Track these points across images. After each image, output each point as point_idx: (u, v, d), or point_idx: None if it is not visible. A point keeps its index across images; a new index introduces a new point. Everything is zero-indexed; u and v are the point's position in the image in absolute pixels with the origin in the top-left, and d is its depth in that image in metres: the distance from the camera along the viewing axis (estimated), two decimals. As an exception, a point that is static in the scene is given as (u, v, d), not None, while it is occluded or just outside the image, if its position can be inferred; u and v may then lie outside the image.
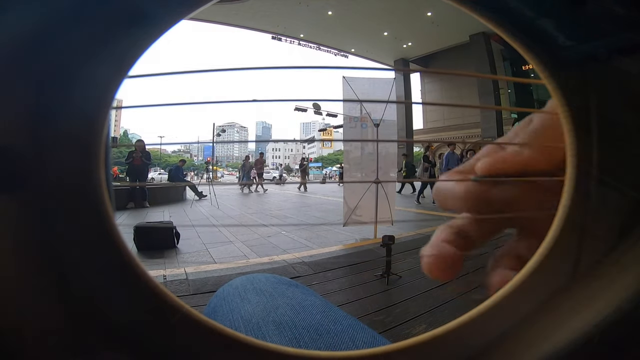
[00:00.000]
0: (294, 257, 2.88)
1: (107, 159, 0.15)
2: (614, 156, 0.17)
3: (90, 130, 0.14)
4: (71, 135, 0.14)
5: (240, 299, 0.44)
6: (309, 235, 3.86)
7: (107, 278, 0.15)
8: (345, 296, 2.11)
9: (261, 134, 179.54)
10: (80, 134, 0.14)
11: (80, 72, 0.14)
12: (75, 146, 0.14)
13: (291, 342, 0.35)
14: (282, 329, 0.37)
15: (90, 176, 0.14)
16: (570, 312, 0.16)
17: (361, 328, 0.39)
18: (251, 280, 0.49)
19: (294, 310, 0.41)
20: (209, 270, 2.52)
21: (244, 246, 3.40)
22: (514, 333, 0.17)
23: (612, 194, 0.17)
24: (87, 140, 0.14)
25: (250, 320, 0.39)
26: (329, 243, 3.53)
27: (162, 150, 76.71)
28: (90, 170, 0.14)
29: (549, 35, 0.16)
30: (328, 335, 0.36)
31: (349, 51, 23.60)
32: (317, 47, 22.65)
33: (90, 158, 0.14)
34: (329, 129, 56.05)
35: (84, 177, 0.14)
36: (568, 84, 0.17)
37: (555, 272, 0.17)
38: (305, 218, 5.50)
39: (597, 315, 0.16)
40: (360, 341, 0.36)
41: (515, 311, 0.17)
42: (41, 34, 0.13)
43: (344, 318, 0.40)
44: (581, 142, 0.17)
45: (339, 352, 0.18)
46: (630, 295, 0.15)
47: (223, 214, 5.93)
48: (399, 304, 1.99)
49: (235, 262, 2.81)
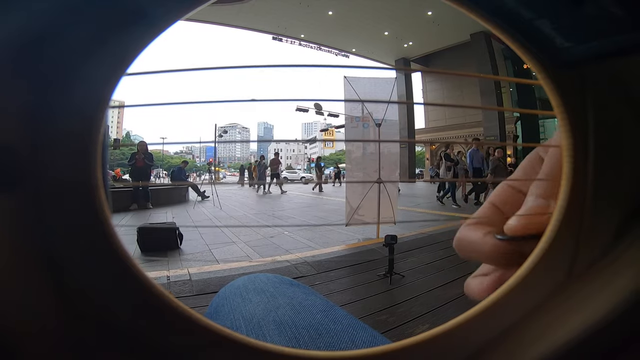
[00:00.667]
0: (297, 258, 2.88)
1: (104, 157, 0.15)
2: (611, 157, 0.17)
3: (87, 129, 0.14)
4: (68, 134, 0.14)
5: (241, 299, 0.44)
6: (311, 236, 3.86)
7: (104, 278, 0.15)
8: (348, 296, 2.11)
9: (263, 134, 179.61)
10: (77, 133, 0.14)
11: (78, 70, 0.14)
12: (72, 145, 0.14)
13: (291, 341, 0.36)
14: (282, 328, 0.38)
15: (88, 175, 0.14)
16: (567, 312, 0.17)
17: (361, 327, 0.39)
18: (252, 280, 0.49)
19: (294, 309, 0.41)
20: (212, 270, 2.53)
21: (246, 247, 3.41)
22: (512, 332, 0.17)
23: (608, 194, 0.17)
24: (84, 139, 0.14)
25: (251, 320, 0.40)
26: (332, 243, 3.53)
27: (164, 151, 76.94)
28: (87, 169, 0.14)
29: (546, 36, 0.16)
30: (328, 335, 0.37)
31: (350, 51, 23.58)
32: (317, 47, 22.64)
33: (87, 157, 0.14)
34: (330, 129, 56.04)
35: (81, 175, 0.14)
36: (566, 85, 0.17)
37: (552, 272, 0.17)
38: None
39: (595, 315, 0.16)
40: (359, 340, 0.36)
41: (513, 311, 0.17)
42: (39, 33, 0.13)
43: (344, 317, 0.41)
44: (578, 142, 0.17)
45: (337, 352, 0.18)
46: (627, 295, 0.15)
47: (226, 214, 5.94)
48: (402, 304, 1.99)
49: (238, 263, 2.81)
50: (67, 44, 0.13)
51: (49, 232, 0.14)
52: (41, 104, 0.13)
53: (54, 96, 0.13)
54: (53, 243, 0.14)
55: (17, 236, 0.14)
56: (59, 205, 0.14)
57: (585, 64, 0.17)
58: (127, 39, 0.14)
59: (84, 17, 0.13)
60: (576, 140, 0.17)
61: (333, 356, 0.18)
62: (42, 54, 0.13)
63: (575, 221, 0.17)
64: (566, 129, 0.17)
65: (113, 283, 0.15)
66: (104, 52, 0.14)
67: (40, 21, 0.13)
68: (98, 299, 0.15)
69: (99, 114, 0.14)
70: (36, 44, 0.13)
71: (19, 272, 0.14)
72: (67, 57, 0.13)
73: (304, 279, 2.38)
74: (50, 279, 0.14)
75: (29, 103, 0.13)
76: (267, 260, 2.87)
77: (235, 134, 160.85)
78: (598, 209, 0.17)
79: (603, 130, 0.17)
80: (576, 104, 0.17)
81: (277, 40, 21.45)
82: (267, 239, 3.73)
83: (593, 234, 0.17)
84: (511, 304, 0.17)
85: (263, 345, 0.17)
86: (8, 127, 0.13)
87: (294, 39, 21.69)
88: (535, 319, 0.17)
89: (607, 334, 0.16)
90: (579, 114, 0.17)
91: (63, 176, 0.14)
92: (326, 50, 23.06)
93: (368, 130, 4.03)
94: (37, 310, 0.14)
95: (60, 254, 0.14)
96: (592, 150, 0.17)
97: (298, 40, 21.78)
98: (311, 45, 22.52)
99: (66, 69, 0.13)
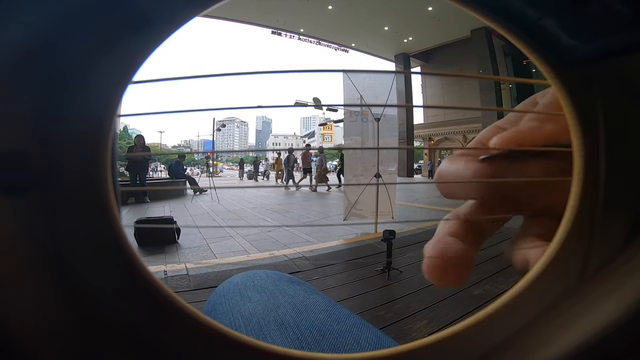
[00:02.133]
0: (295, 252, 2.89)
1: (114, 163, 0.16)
2: (621, 155, 0.17)
3: (97, 134, 0.14)
4: (78, 138, 0.14)
5: (240, 297, 0.43)
6: (309, 230, 3.86)
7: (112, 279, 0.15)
8: (346, 291, 2.12)
9: (261, 128, 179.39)
10: (87, 138, 0.14)
11: (86, 75, 0.14)
12: (82, 149, 0.14)
13: (294, 343, 0.35)
14: (284, 329, 0.36)
15: (97, 180, 0.14)
16: (578, 315, 0.16)
17: (366, 328, 0.38)
18: (251, 277, 0.48)
19: (296, 309, 0.40)
20: (209, 265, 2.53)
21: (244, 241, 3.41)
22: (521, 336, 0.17)
23: (620, 193, 0.17)
24: (93, 143, 0.14)
25: (251, 320, 0.39)
26: (330, 238, 3.53)
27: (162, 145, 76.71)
28: (97, 174, 0.14)
29: (552, 35, 0.16)
30: (332, 336, 0.36)
31: (350, 46, 23.46)
32: (317, 42, 22.52)
33: (97, 162, 0.14)
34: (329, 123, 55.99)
35: (91, 181, 0.14)
36: (573, 83, 0.17)
37: (563, 274, 0.17)
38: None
39: (606, 319, 0.15)
40: (365, 342, 0.35)
41: (522, 314, 0.17)
42: (47, 39, 0.13)
43: (348, 317, 0.40)
44: (588, 141, 0.17)
45: (344, 355, 0.17)
46: (639, 297, 0.15)
47: (224, 208, 5.93)
48: (400, 299, 2.00)
49: (236, 257, 2.81)
50: (76, 49, 0.13)
51: (58, 234, 0.14)
52: (51, 109, 0.14)
53: (65, 101, 0.14)
54: (62, 245, 0.14)
55: (27, 238, 0.14)
56: (69, 209, 0.14)
57: (593, 63, 0.16)
58: (133, 44, 0.14)
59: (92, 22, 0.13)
60: (586, 140, 0.17)
61: (339, 359, 0.17)
62: (50, 59, 0.13)
63: (587, 223, 0.17)
64: (576, 129, 0.17)
65: (121, 284, 0.15)
66: (111, 57, 0.14)
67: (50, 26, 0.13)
68: (106, 301, 0.15)
69: (108, 118, 0.14)
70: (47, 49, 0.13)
71: (28, 273, 0.14)
72: (76, 62, 0.14)
73: (302, 274, 2.39)
74: (60, 280, 0.14)
75: (39, 108, 0.13)
76: (265, 255, 2.87)
77: (234, 127, 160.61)
78: (610, 210, 0.17)
79: (613, 128, 0.17)
80: (585, 103, 0.17)
81: (277, 34, 21.30)
82: (265, 233, 3.73)
83: (605, 236, 0.17)
84: (521, 307, 0.17)
85: (272, 347, 0.17)
86: (17, 131, 0.13)
87: (293, 33, 21.56)
88: (545, 322, 0.17)
89: (618, 338, 0.15)
90: (589, 113, 0.17)
91: (73, 180, 0.14)
92: (325, 45, 22.94)
93: (367, 125, 4.03)
94: (45, 312, 0.14)
95: (69, 255, 0.14)
96: (603, 150, 0.17)
97: (297, 34, 21.64)
98: (310, 40, 22.39)
99: (75, 74, 0.14)
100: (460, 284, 0.18)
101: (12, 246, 0.14)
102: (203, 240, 3.43)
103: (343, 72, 0.22)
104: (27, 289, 0.14)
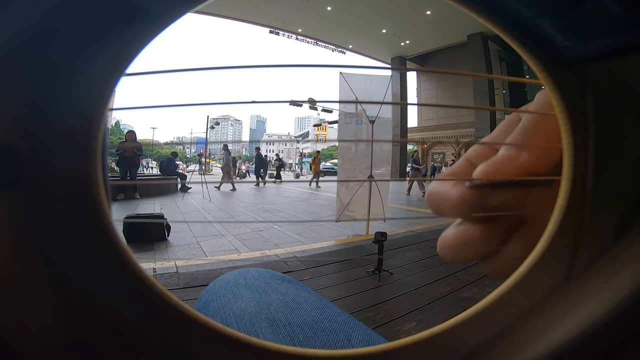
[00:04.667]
0: (286, 252, 2.88)
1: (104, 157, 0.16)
2: (611, 156, 0.17)
3: (87, 129, 0.14)
4: (69, 133, 0.14)
5: (232, 295, 0.43)
6: (301, 230, 3.86)
7: (105, 276, 0.15)
8: (337, 292, 2.12)
9: (255, 127, 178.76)
10: (77, 132, 0.14)
11: (77, 70, 0.14)
12: (72, 144, 0.14)
13: (285, 340, 0.35)
14: (275, 327, 0.36)
15: (88, 174, 0.14)
16: (565, 311, 0.16)
17: (356, 325, 0.38)
18: (243, 275, 0.48)
19: (287, 307, 0.40)
20: (199, 263, 2.51)
21: (235, 240, 3.39)
22: (510, 332, 0.17)
23: (608, 193, 0.17)
24: (84, 138, 0.14)
25: (243, 317, 0.38)
26: (322, 238, 3.53)
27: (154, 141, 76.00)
28: (87, 168, 0.14)
29: (547, 36, 0.16)
30: (323, 334, 0.36)
31: (347, 47, 23.51)
32: (314, 43, 22.51)
33: (87, 156, 0.14)
34: (323, 124, 55.98)
35: (81, 174, 0.14)
36: (566, 84, 0.17)
37: (551, 271, 0.17)
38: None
39: (594, 315, 0.16)
40: (356, 339, 0.35)
41: (511, 310, 0.17)
42: (38, 32, 0.13)
43: (339, 315, 0.40)
44: (578, 141, 0.17)
45: (335, 351, 0.17)
46: (626, 294, 0.15)
47: (215, 206, 5.90)
48: (390, 301, 2.00)
49: (227, 256, 2.80)
50: (67, 43, 0.13)
51: (49, 231, 0.14)
52: (42, 103, 0.13)
53: (55, 96, 0.13)
54: (53, 242, 0.14)
55: (17, 235, 0.14)
56: (59, 204, 0.14)
57: (585, 64, 0.17)
58: (126, 37, 0.14)
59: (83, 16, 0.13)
60: (576, 139, 0.17)
61: (331, 355, 0.17)
62: (41, 52, 0.13)
63: (575, 220, 0.17)
64: (566, 128, 0.17)
65: (114, 281, 0.15)
66: (103, 51, 0.14)
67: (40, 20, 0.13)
68: (98, 298, 0.15)
69: (99, 113, 0.14)
70: (37, 43, 0.13)
71: (18, 271, 0.14)
72: (66, 56, 0.13)
73: (293, 274, 2.38)
74: (50, 278, 0.14)
75: (29, 102, 0.13)
76: (256, 254, 2.86)
77: (228, 126, 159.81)
78: (598, 207, 0.17)
79: (603, 129, 0.17)
80: (577, 103, 0.17)
81: (274, 34, 21.25)
82: (256, 232, 3.71)
83: (593, 232, 0.17)
84: (509, 303, 0.17)
85: (264, 343, 0.17)
86: (8, 126, 0.13)
87: (291, 33, 21.53)
88: (533, 318, 0.17)
89: (606, 334, 0.16)
90: (580, 113, 0.17)
91: (63, 175, 0.14)
92: (323, 46, 22.96)
93: (361, 127, 4.04)
94: (37, 310, 0.14)
95: (61, 253, 0.14)
96: (592, 149, 0.17)
97: (295, 34, 21.62)
98: (308, 40, 22.37)
99: (65, 68, 0.13)
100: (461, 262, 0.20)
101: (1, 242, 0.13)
102: (193, 239, 3.40)
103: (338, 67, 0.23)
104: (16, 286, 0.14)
